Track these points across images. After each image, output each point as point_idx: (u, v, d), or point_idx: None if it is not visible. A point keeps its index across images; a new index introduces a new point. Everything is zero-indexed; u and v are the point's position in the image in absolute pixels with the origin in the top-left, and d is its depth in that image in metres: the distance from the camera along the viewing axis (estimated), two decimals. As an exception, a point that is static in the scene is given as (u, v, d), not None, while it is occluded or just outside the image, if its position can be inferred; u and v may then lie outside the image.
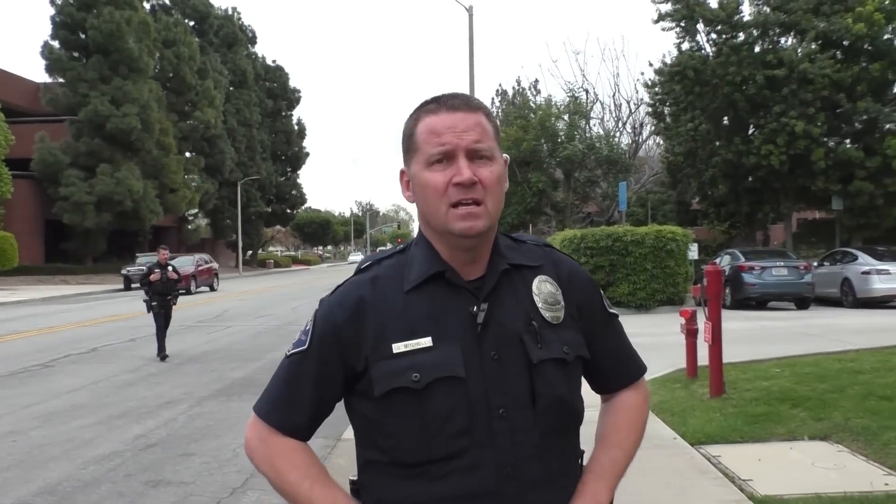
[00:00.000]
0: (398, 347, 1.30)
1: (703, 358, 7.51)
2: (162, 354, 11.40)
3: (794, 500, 4.41)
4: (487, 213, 1.32)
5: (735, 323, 13.27)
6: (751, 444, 5.69)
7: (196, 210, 56.46)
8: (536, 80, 53.59)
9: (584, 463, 1.45)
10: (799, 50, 25.36)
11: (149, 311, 11.64)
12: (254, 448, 1.40)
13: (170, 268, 11.75)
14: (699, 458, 5.35)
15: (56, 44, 42.99)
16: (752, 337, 11.88)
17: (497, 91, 58.09)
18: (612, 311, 1.52)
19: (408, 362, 1.29)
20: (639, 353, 1.58)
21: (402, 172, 1.42)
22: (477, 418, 1.28)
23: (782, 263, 18.42)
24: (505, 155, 1.43)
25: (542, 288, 1.39)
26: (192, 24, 56.95)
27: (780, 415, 6.28)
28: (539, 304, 1.37)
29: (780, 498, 4.45)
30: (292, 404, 1.37)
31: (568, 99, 29.57)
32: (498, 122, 1.46)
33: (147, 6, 49.64)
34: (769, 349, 10.03)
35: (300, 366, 1.37)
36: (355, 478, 1.41)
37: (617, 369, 1.51)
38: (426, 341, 1.30)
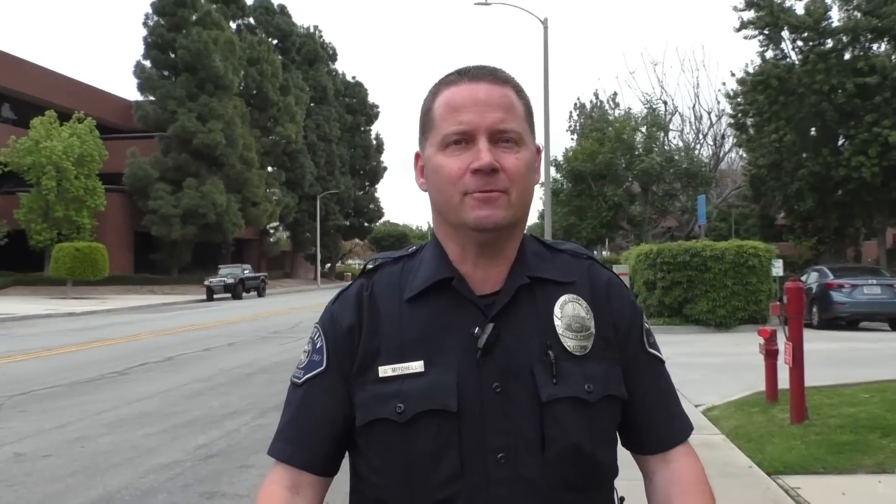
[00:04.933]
0: (385, 371, 1.12)
1: (785, 381, 7.08)
2: None
3: (881, 540, 4.04)
4: (510, 203, 1.12)
5: (821, 344, 12.58)
6: (834, 475, 5.28)
7: (277, 223, 57.93)
8: (615, 94, 52.92)
9: None
10: (893, 56, 24.18)
11: None
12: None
13: None
14: (776, 490, 4.98)
15: (147, 63, 44.98)
16: (839, 359, 11.21)
17: (575, 104, 57.54)
18: (653, 352, 1.24)
19: (394, 389, 1.11)
20: (714, 377, 1.29)
21: (416, 156, 1.24)
22: (470, 462, 1.09)
23: (875, 281, 17.43)
24: (538, 143, 1.22)
25: (567, 310, 1.16)
26: (275, 42, 58.66)
27: (868, 444, 5.82)
28: (560, 330, 1.14)
29: (864, 537, 4.08)
30: (316, 434, 1.18)
31: (645, 111, 28.99)
32: (531, 103, 1.23)
33: (233, 26, 51.40)
34: (858, 373, 9.42)
35: (319, 390, 1.18)
36: None
37: (654, 425, 1.21)
38: (417, 365, 1.11)
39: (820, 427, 6.43)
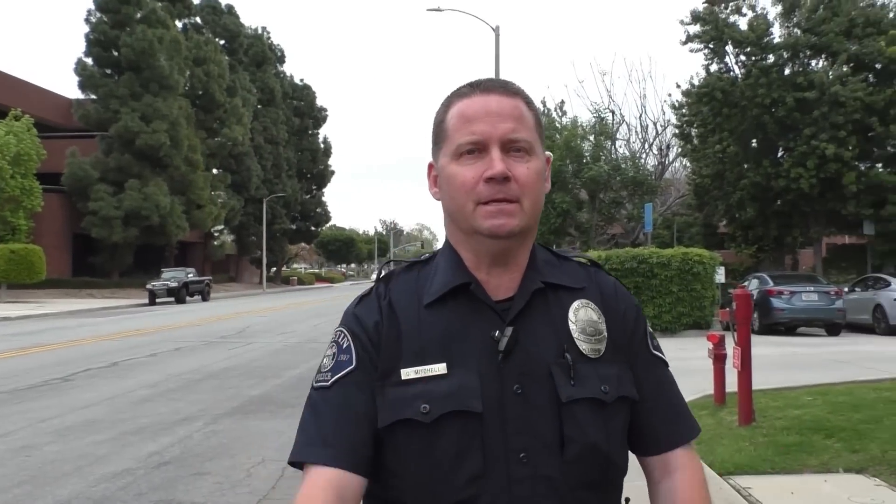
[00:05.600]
0: (408, 373, 1.13)
1: (732, 384, 7.28)
2: None
3: (830, 538, 4.19)
4: (522, 211, 1.15)
5: (764, 349, 12.96)
6: (782, 475, 5.45)
7: (222, 226, 57.01)
8: (563, 102, 53.57)
9: None
10: (830, 72, 25.06)
11: None
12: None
13: None
14: (728, 490, 5.12)
15: (89, 61, 43.77)
16: (781, 363, 11.57)
17: (523, 111, 58.05)
18: (658, 353, 1.29)
19: (418, 390, 1.12)
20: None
21: (429, 166, 1.26)
22: (493, 462, 1.10)
23: (812, 288, 18.06)
24: (548, 152, 1.26)
25: (581, 314, 1.20)
26: (222, 42, 57.79)
27: (814, 445, 6.03)
28: (575, 334, 1.18)
29: (814, 535, 4.22)
30: (359, 433, 1.13)
31: (594, 119, 29.43)
32: (540, 115, 1.25)
33: (179, 25, 50.41)
34: (800, 376, 9.73)
35: (354, 388, 1.15)
36: None
37: (659, 425, 1.24)
38: (440, 367, 1.13)
39: (767, 429, 6.63)
